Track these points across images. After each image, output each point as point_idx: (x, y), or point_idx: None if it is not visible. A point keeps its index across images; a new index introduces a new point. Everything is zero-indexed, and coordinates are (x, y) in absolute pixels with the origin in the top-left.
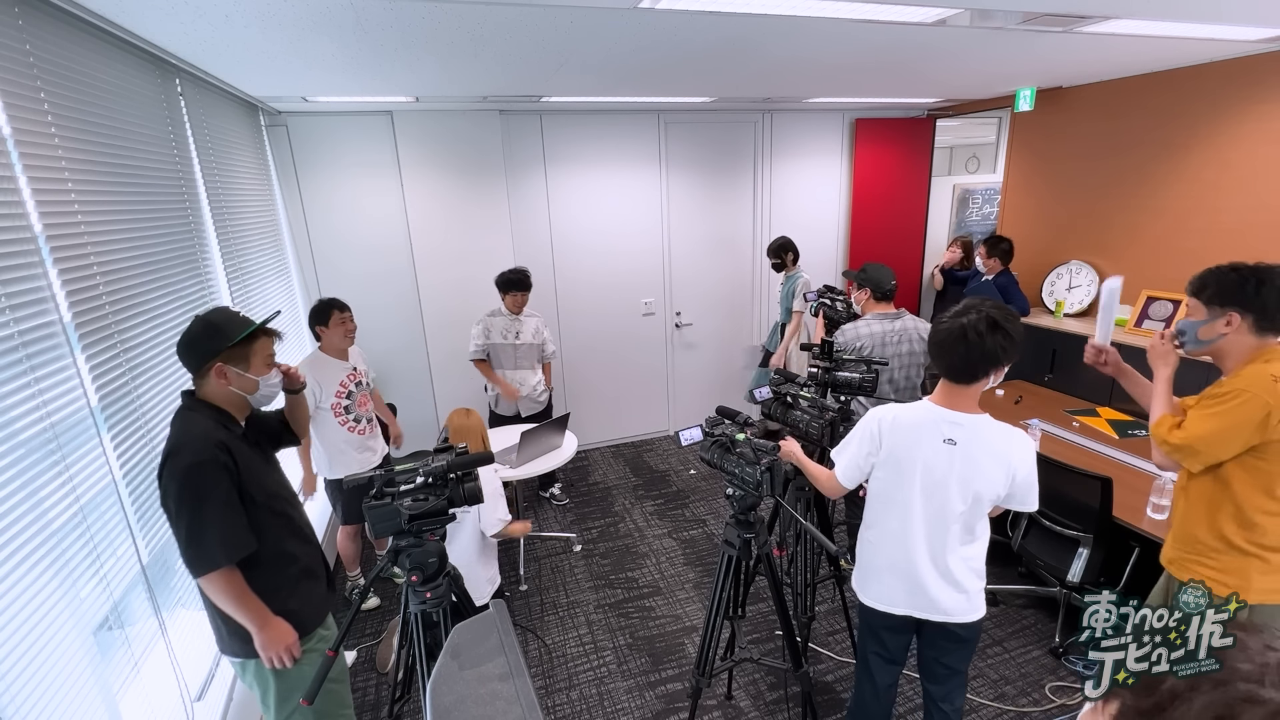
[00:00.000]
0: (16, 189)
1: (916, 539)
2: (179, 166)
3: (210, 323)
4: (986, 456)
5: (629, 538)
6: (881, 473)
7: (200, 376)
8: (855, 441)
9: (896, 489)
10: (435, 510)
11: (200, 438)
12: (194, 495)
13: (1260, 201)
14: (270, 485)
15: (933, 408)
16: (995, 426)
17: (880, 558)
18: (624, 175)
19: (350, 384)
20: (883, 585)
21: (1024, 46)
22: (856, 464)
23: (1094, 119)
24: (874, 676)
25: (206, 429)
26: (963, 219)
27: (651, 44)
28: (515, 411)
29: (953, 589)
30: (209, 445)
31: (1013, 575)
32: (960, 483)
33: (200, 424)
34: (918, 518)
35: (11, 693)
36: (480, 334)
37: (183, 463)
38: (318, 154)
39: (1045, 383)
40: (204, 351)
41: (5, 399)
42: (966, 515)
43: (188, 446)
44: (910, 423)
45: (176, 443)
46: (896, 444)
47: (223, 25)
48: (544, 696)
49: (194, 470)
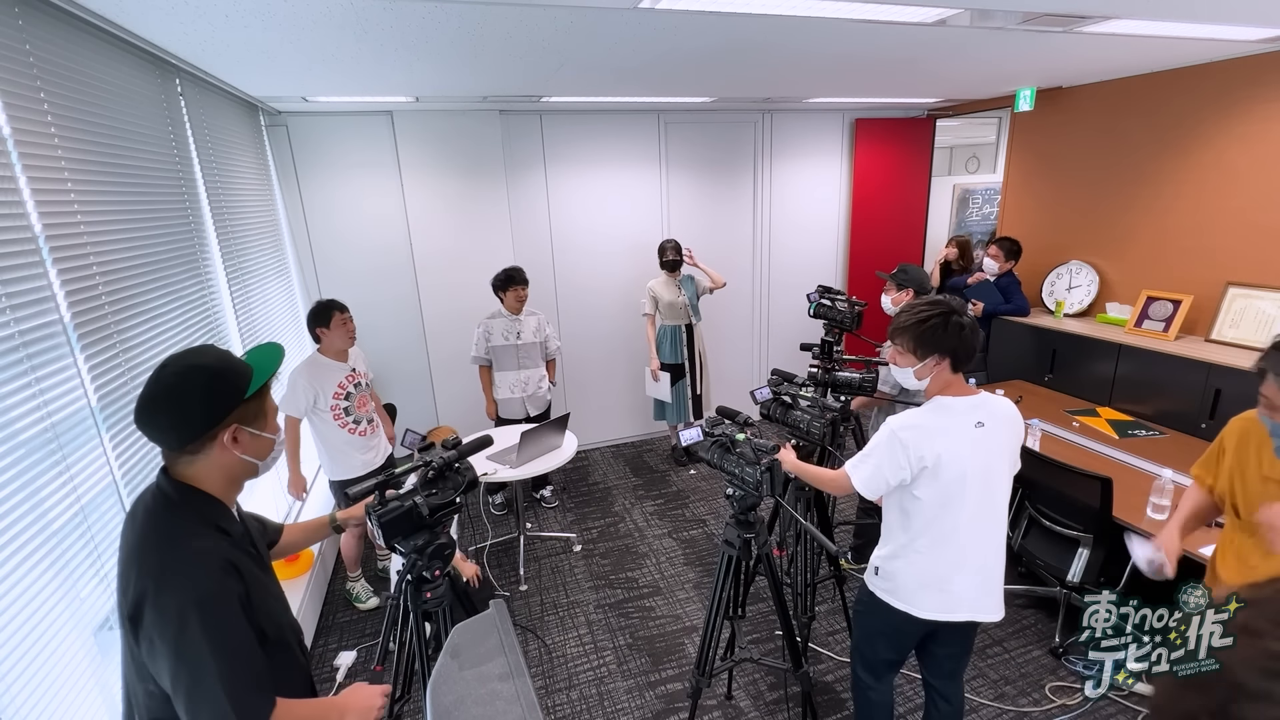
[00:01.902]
0: (16, 189)
1: (977, 536)
2: (179, 166)
3: (213, 369)
4: (1004, 425)
5: (629, 538)
6: (931, 483)
7: (194, 449)
8: (880, 454)
9: (951, 494)
10: (448, 501)
11: (199, 556)
12: (211, 643)
13: (1261, 201)
14: (277, 613)
15: (949, 400)
16: (993, 397)
17: (939, 566)
18: (624, 175)
19: (349, 385)
20: (943, 594)
21: (1024, 46)
22: (883, 477)
23: (1094, 119)
24: (883, 686)
25: (204, 543)
26: (963, 219)
27: (651, 44)
28: (524, 412)
29: (998, 583)
30: (214, 567)
31: (1013, 575)
32: (1000, 461)
33: (192, 533)
34: (973, 514)
35: (12, 693)
36: (481, 337)
37: (179, 598)
38: (318, 154)
39: (1045, 383)
40: (221, 408)
41: (6, 399)
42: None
43: (182, 572)
44: (937, 425)
45: (162, 566)
46: (934, 451)
47: (223, 25)
48: (544, 696)
49: (205, 606)
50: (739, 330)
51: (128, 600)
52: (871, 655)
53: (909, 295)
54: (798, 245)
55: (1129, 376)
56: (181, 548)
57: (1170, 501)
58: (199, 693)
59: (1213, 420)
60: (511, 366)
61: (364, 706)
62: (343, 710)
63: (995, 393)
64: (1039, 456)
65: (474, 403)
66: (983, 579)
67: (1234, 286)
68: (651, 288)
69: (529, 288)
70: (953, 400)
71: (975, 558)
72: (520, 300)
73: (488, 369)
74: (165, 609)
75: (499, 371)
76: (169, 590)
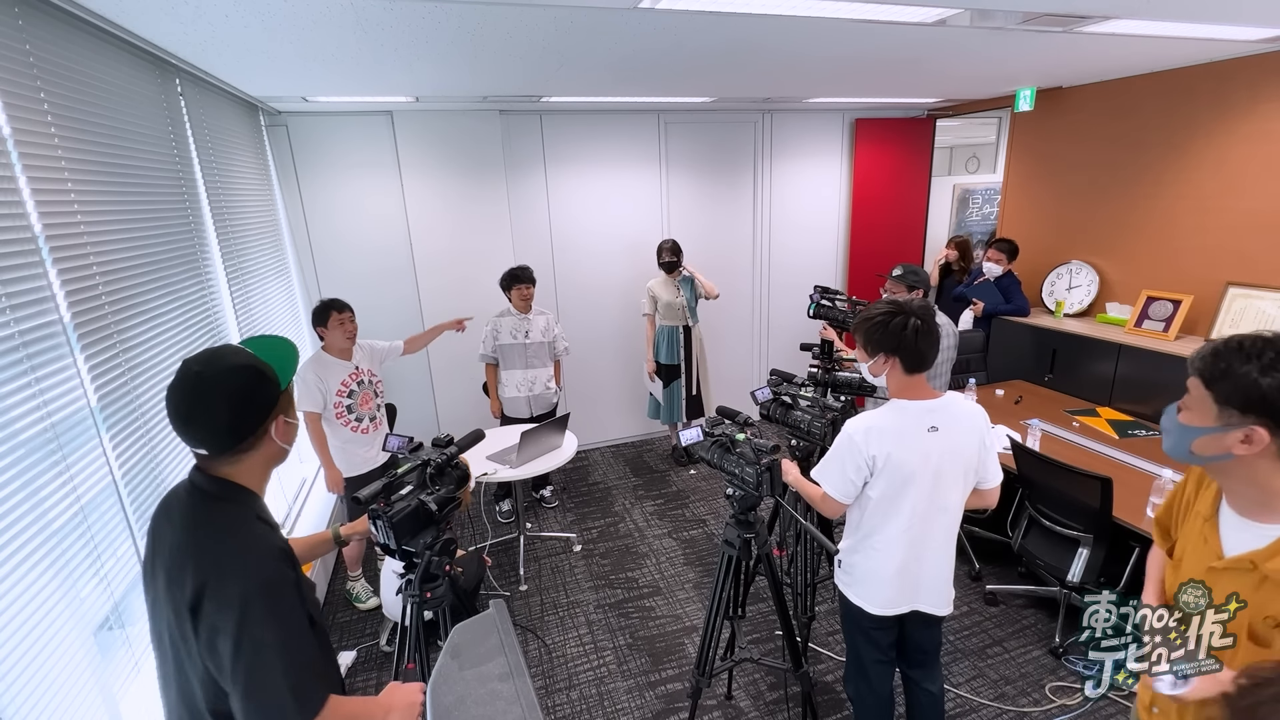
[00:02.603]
0: (16, 189)
1: (922, 535)
2: (179, 166)
3: (255, 368)
4: (963, 429)
5: (629, 538)
6: (879, 481)
7: (243, 447)
8: (838, 459)
9: (897, 493)
10: (450, 496)
11: (256, 544)
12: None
13: (1261, 202)
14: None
15: (905, 404)
16: (959, 399)
17: (888, 563)
18: (624, 175)
19: (352, 383)
20: (889, 589)
21: (1024, 46)
22: (847, 479)
23: (1094, 119)
24: (877, 686)
25: (256, 531)
26: (963, 219)
27: (651, 44)
28: (529, 412)
29: (946, 580)
30: (271, 555)
31: (1013, 575)
32: (953, 466)
33: (243, 523)
34: (921, 514)
35: (12, 693)
36: (489, 336)
37: (241, 586)
38: (318, 154)
39: (1045, 383)
40: (270, 403)
41: (6, 399)
42: (960, 500)
43: (242, 560)
44: (892, 426)
45: (220, 556)
46: (884, 450)
47: (222, 25)
48: (544, 696)
49: (267, 592)
50: (739, 330)
51: (186, 593)
52: (856, 655)
53: (919, 296)
54: (798, 245)
55: (1129, 376)
56: (238, 538)
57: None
58: (258, 679)
59: None
60: (519, 365)
61: (406, 704)
62: (387, 709)
63: (995, 393)
64: (1039, 456)
65: (474, 403)
66: (931, 576)
67: (1234, 286)
68: (651, 288)
69: (535, 287)
70: (908, 403)
71: (924, 555)
72: (525, 299)
73: (494, 367)
74: (228, 598)
75: (506, 370)
76: (230, 578)
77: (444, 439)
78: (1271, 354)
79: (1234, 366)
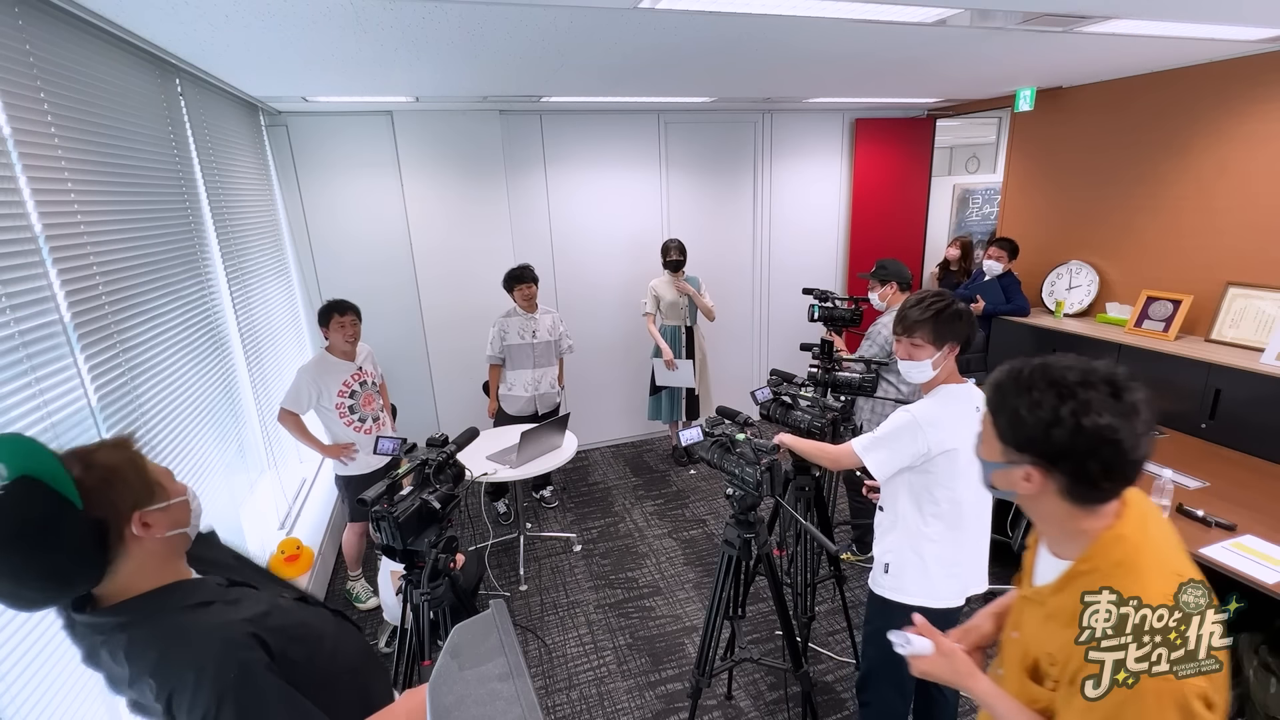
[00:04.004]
0: (16, 189)
1: (979, 516)
2: (179, 166)
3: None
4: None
5: (629, 538)
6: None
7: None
8: (893, 438)
9: (960, 479)
10: (450, 494)
11: (207, 646)
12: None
13: (1261, 201)
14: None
15: (954, 388)
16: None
17: (954, 550)
18: (624, 175)
19: (354, 384)
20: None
21: (1024, 46)
22: (897, 462)
23: (1094, 119)
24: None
25: (202, 630)
26: (963, 219)
27: (651, 44)
28: (533, 410)
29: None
30: (228, 651)
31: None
32: None
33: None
34: (975, 496)
35: (12, 693)
36: (496, 336)
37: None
38: (318, 154)
39: None
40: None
41: (6, 399)
42: None
43: (197, 668)
44: (951, 415)
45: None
46: (941, 441)
47: (223, 25)
48: (544, 696)
49: (233, 698)
50: (739, 330)
51: (158, 701)
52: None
53: (893, 288)
54: (798, 245)
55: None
56: (182, 647)
57: (1170, 501)
58: None
59: (1213, 420)
60: (527, 365)
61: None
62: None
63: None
64: None
65: (475, 404)
66: (982, 557)
67: (1234, 286)
68: (654, 286)
69: (538, 285)
70: (956, 388)
71: (979, 539)
72: (528, 298)
73: (499, 368)
74: (195, 708)
75: (513, 370)
76: (193, 689)
77: (439, 439)
78: (1042, 387)
79: (1008, 400)
